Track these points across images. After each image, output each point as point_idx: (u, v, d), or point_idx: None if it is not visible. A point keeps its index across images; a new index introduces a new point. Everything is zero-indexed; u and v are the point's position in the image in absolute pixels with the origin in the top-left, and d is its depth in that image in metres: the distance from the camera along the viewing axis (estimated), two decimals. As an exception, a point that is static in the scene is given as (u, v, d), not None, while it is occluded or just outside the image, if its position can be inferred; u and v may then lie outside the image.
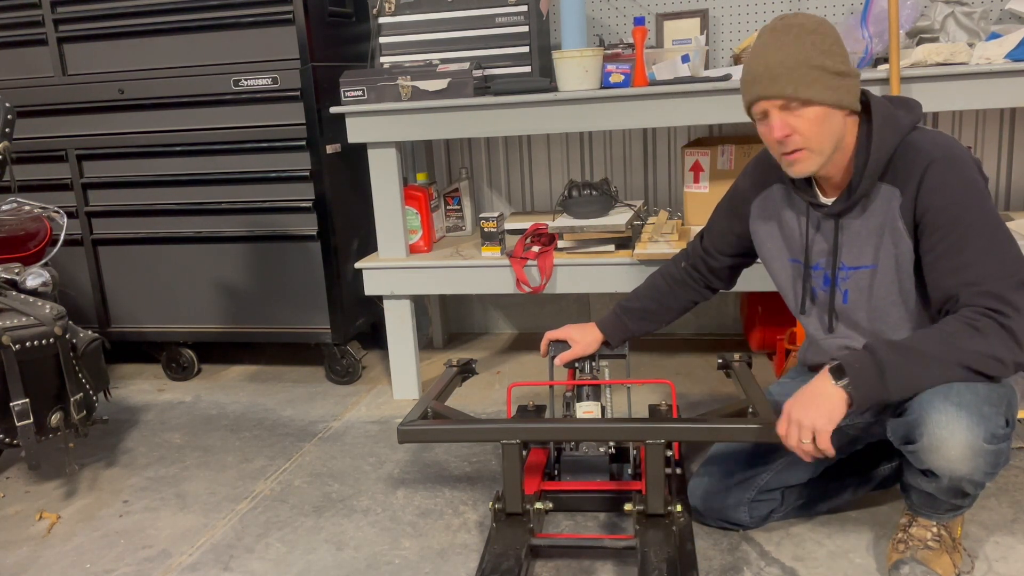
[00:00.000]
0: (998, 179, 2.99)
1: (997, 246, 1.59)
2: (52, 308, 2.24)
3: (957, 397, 1.54)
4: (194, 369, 3.30)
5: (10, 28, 3.07)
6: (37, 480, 2.49)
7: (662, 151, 3.25)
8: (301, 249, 3.02)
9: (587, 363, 2.16)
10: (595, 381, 2.12)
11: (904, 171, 1.66)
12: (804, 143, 1.65)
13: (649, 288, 2.15)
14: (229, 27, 2.90)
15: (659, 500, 1.82)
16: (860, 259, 1.74)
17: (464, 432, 2.05)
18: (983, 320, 1.54)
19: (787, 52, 1.62)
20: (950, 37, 2.62)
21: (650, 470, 1.83)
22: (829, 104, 1.63)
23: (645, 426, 1.88)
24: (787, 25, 1.65)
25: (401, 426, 1.94)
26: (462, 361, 2.42)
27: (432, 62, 2.75)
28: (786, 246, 1.88)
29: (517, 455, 1.87)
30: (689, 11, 3.05)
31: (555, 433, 2.04)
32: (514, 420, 2.20)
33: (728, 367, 2.24)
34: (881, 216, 1.69)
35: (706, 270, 2.09)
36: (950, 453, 1.54)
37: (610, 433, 1.97)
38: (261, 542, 2.08)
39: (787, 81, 1.61)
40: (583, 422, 1.99)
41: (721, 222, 2.04)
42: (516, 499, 1.89)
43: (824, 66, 1.61)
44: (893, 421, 1.65)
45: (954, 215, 1.60)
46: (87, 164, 3.16)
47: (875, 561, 1.82)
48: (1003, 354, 1.54)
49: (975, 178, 1.63)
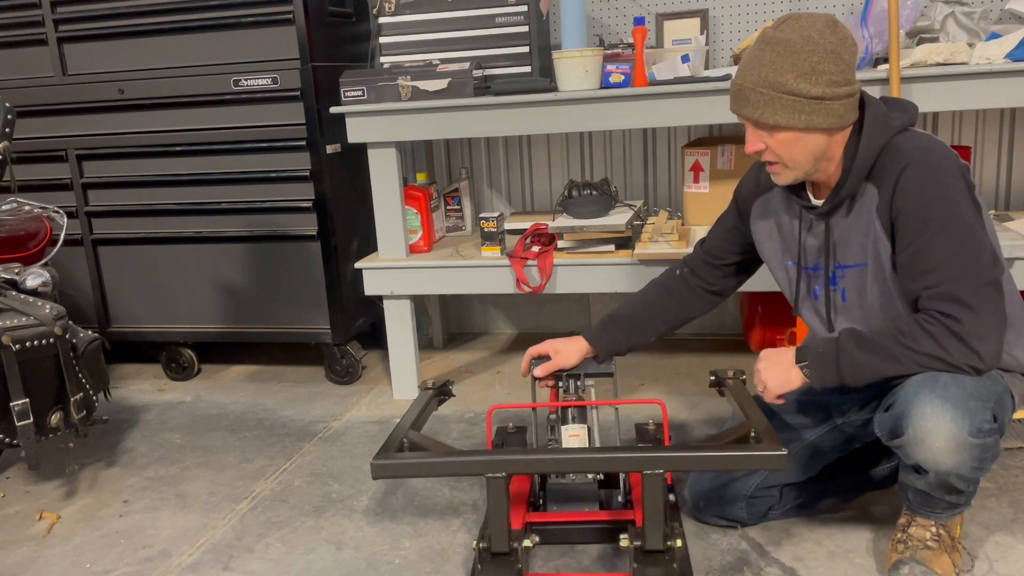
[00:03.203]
0: (998, 179, 2.99)
1: (963, 250, 1.59)
2: (52, 308, 2.24)
3: (943, 391, 1.55)
4: (194, 369, 3.30)
5: (10, 28, 3.07)
6: (37, 480, 2.49)
7: (662, 151, 3.25)
8: (301, 249, 3.02)
9: (572, 382, 2.03)
10: (580, 402, 1.97)
11: (885, 172, 1.67)
12: (776, 159, 1.68)
13: (640, 297, 2.09)
14: (229, 27, 2.90)
15: (658, 535, 1.68)
16: (852, 258, 1.76)
17: (445, 466, 1.80)
18: (934, 324, 1.58)
19: (761, 74, 1.61)
20: (950, 37, 2.62)
21: (648, 502, 1.68)
22: (799, 129, 1.63)
23: (643, 455, 1.72)
24: (774, 39, 1.61)
25: (375, 460, 1.75)
26: (438, 383, 2.26)
27: (432, 62, 2.76)
28: (783, 248, 1.89)
29: (503, 490, 1.71)
30: (689, 11, 3.05)
31: (545, 465, 1.80)
32: (499, 452, 1.94)
33: (721, 384, 2.10)
34: (866, 215, 1.71)
35: (706, 273, 2.05)
36: (934, 445, 1.55)
37: (606, 464, 1.78)
38: (261, 542, 2.08)
39: (754, 105, 1.63)
40: (574, 452, 1.81)
41: (725, 222, 2.03)
42: (502, 537, 1.72)
43: (797, 91, 1.59)
44: (880, 416, 1.67)
45: (924, 218, 1.61)
46: (87, 164, 3.16)
47: (875, 561, 1.82)
48: (955, 358, 1.57)
49: (949, 182, 1.62)
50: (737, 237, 2.00)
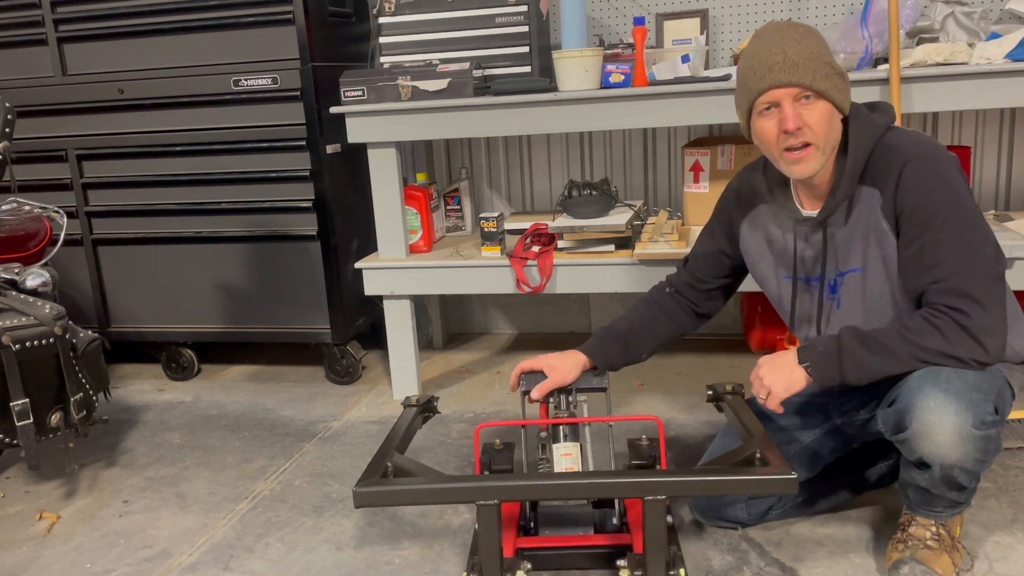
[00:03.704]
0: (998, 179, 2.99)
1: (969, 243, 1.60)
2: (52, 308, 2.24)
3: (946, 384, 1.55)
4: (194, 369, 3.30)
5: (10, 28, 3.07)
6: (37, 480, 2.49)
7: (662, 151, 3.25)
8: (301, 249, 3.02)
9: (563, 398, 1.95)
10: (572, 420, 1.87)
11: (882, 171, 1.67)
12: (812, 138, 1.65)
13: (633, 313, 2.07)
14: (229, 27, 2.90)
15: (660, 565, 1.62)
16: (848, 263, 1.75)
17: (432, 493, 1.69)
18: (941, 318, 1.58)
19: (803, 45, 1.64)
20: (950, 37, 2.62)
21: (649, 529, 1.61)
22: (835, 102, 1.66)
23: (646, 481, 1.62)
24: (790, 24, 1.67)
25: (357, 487, 1.67)
26: (422, 399, 2.15)
27: (432, 62, 2.76)
28: (777, 263, 1.88)
29: (495, 517, 1.62)
30: (689, 11, 3.05)
31: (540, 492, 1.69)
32: (490, 478, 1.79)
33: (719, 399, 2.04)
34: (865, 219, 1.70)
35: (692, 295, 2.04)
36: (939, 438, 1.55)
37: (605, 489, 1.68)
38: (261, 542, 2.08)
39: (806, 71, 1.62)
40: (571, 477, 1.70)
41: (707, 244, 2.01)
42: (495, 567, 1.64)
43: (832, 65, 1.66)
44: (883, 411, 1.66)
45: (928, 213, 1.62)
46: (87, 164, 3.16)
47: (875, 561, 1.82)
48: (960, 352, 1.57)
49: (951, 176, 1.63)
50: (724, 261, 2.00)
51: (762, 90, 1.66)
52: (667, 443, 2.41)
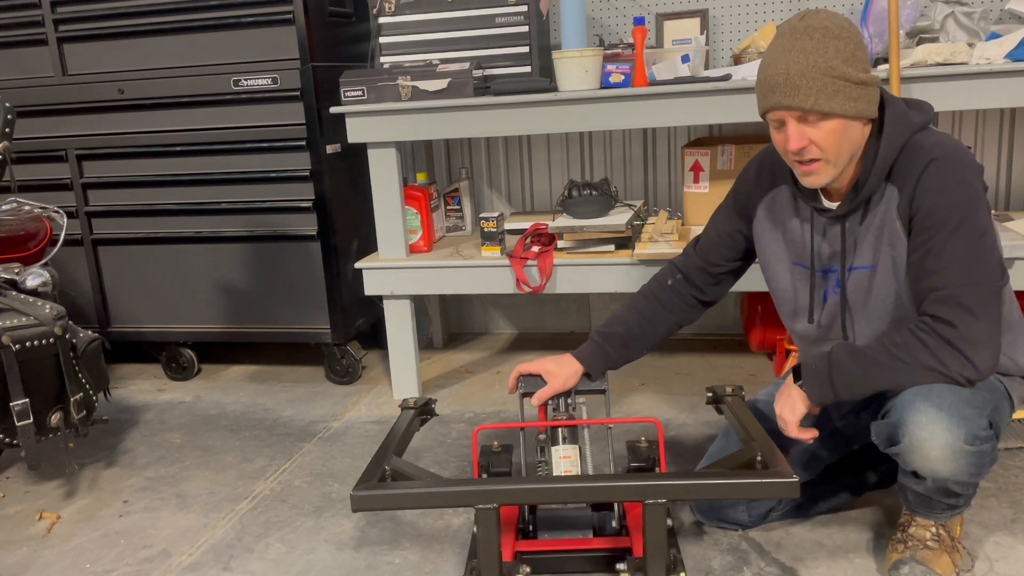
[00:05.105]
0: (998, 179, 2.99)
1: (974, 254, 1.57)
2: (52, 308, 2.24)
3: (938, 399, 1.54)
4: (194, 369, 3.30)
5: (10, 28, 3.07)
6: (37, 480, 2.49)
7: (662, 151, 3.25)
8: (301, 249, 3.02)
9: (562, 400, 1.94)
10: (571, 422, 1.86)
11: (905, 170, 1.63)
12: (821, 155, 1.61)
13: (630, 312, 2.01)
14: (229, 27, 2.90)
15: (660, 569, 1.61)
16: (862, 260, 1.72)
17: (431, 497, 1.70)
18: (928, 333, 1.56)
19: (809, 60, 1.55)
20: (950, 37, 2.62)
21: (650, 534, 1.60)
22: (849, 116, 1.58)
23: (647, 484, 1.61)
24: (810, 27, 1.58)
25: (355, 491, 1.66)
26: (420, 401, 2.16)
27: (432, 62, 2.76)
28: (789, 251, 1.84)
29: (494, 521, 1.61)
30: (689, 11, 3.05)
31: (540, 496, 1.68)
32: (489, 482, 1.75)
33: (719, 401, 2.03)
34: (882, 216, 1.67)
35: (701, 280, 1.99)
36: (930, 454, 1.54)
37: (606, 493, 1.67)
38: (261, 542, 2.08)
39: (807, 93, 1.56)
40: (571, 481, 1.70)
41: (723, 224, 1.96)
42: (493, 571, 1.63)
43: (846, 76, 1.56)
44: (876, 424, 1.65)
45: (941, 218, 1.58)
46: (87, 164, 3.16)
47: (875, 561, 1.82)
48: (949, 369, 1.55)
49: (972, 182, 1.60)
50: (739, 243, 1.95)
51: (767, 109, 1.64)
52: (667, 443, 2.41)
